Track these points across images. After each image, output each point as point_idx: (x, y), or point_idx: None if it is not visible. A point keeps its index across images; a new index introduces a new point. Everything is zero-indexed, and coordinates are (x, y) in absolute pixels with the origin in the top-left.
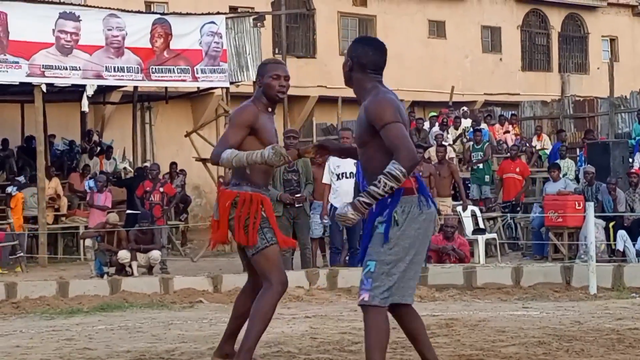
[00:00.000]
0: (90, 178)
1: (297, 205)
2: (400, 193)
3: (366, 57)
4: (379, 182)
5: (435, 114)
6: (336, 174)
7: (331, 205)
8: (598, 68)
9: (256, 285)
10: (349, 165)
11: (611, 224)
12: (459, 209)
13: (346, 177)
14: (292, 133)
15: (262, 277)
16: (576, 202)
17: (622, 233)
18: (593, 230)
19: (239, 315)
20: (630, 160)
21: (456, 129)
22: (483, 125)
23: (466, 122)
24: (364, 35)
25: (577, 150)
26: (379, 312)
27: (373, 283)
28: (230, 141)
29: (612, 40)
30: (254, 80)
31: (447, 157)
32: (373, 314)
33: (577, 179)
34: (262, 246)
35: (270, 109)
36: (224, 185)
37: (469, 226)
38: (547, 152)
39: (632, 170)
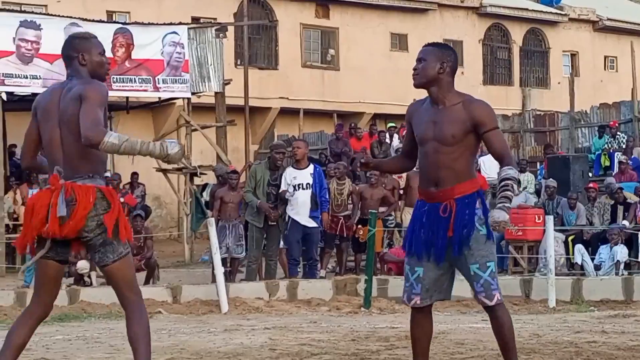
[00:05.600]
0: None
1: (270, 224)
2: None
3: (457, 63)
4: (512, 187)
5: (394, 124)
6: (292, 186)
7: (288, 217)
8: (559, 83)
9: (43, 308)
10: (305, 176)
11: (570, 238)
12: None
13: (302, 189)
14: (281, 149)
15: (126, 289)
16: (536, 216)
17: (579, 247)
18: (553, 244)
19: (19, 345)
20: (590, 174)
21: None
22: None
23: None
24: (438, 42)
25: (537, 164)
26: (504, 306)
27: (497, 281)
28: (102, 122)
29: (573, 55)
30: (216, 91)
31: None
32: (504, 309)
33: (537, 192)
34: (126, 251)
35: None
36: (63, 178)
37: None
38: None
39: (590, 185)
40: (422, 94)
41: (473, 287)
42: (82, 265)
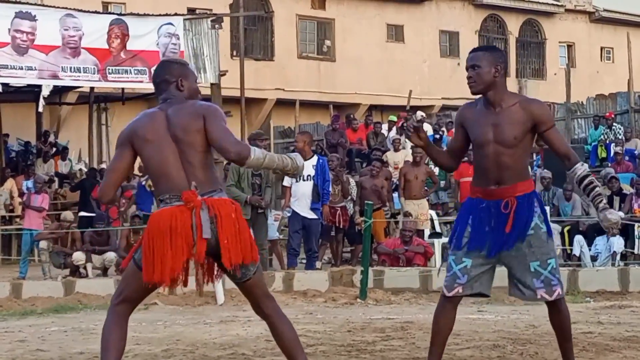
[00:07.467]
0: (28, 179)
1: (259, 211)
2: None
3: (507, 63)
4: (597, 183)
5: (394, 119)
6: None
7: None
8: (555, 74)
9: (130, 308)
10: (307, 168)
11: (566, 229)
12: (432, 212)
13: (304, 180)
14: (261, 137)
15: (265, 297)
16: None
17: (579, 238)
18: None
19: (120, 347)
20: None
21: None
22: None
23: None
24: (484, 45)
25: (533, 155)
26: (564, 300)
27: (559, 277)
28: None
29: (569, 47)
30: (212, 82)
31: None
32: (564, 303)
33: None
34: (258, 260)
35: None
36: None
37: (426, 230)
38: None
39: None
40: (419, 87)
41: (532, 284)
42: (78, 256)
